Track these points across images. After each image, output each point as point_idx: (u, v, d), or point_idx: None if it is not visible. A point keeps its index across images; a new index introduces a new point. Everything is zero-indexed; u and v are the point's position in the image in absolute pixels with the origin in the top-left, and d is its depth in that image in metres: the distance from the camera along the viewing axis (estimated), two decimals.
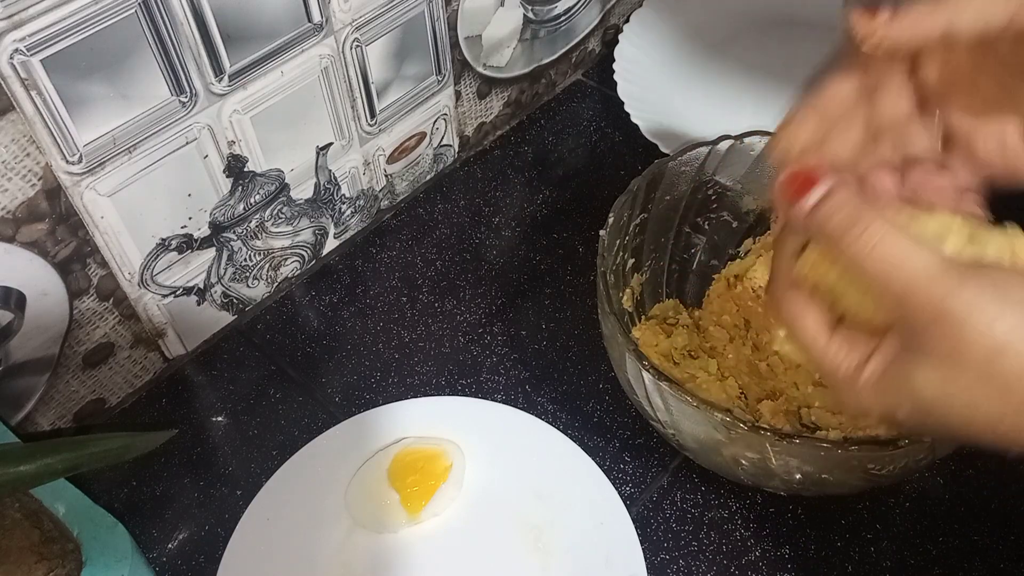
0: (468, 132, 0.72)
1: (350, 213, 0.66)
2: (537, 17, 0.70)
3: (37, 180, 0.46)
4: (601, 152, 0.73)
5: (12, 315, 0.49)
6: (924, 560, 0.50)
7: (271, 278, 0.64)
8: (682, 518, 0.52)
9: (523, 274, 0.65)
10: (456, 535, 0.51)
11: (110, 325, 0.55)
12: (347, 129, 0.61)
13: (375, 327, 0.62)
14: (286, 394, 0.59)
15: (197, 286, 0.59)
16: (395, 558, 0.51)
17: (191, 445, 0.57)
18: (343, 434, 0.55)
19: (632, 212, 0.53)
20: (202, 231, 0.56)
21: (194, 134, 0.52)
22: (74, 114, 0.46)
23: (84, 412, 0.57)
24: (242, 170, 0.56)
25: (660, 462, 0.54)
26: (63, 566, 0.42)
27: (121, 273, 0.53)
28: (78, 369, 0.55)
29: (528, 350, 0.60)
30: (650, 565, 0.49)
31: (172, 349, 0.60)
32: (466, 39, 0.66)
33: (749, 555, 0.50)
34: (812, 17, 0.78)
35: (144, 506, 0.54)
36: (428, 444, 0.54)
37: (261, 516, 0.52)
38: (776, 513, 0.52)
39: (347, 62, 0.58)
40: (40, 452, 0.36)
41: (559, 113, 0.76)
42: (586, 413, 0.56)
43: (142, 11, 0.45)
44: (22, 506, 0.43)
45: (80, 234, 0.50)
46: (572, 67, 0.78)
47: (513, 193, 0.71)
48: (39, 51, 0.43)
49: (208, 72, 0.50)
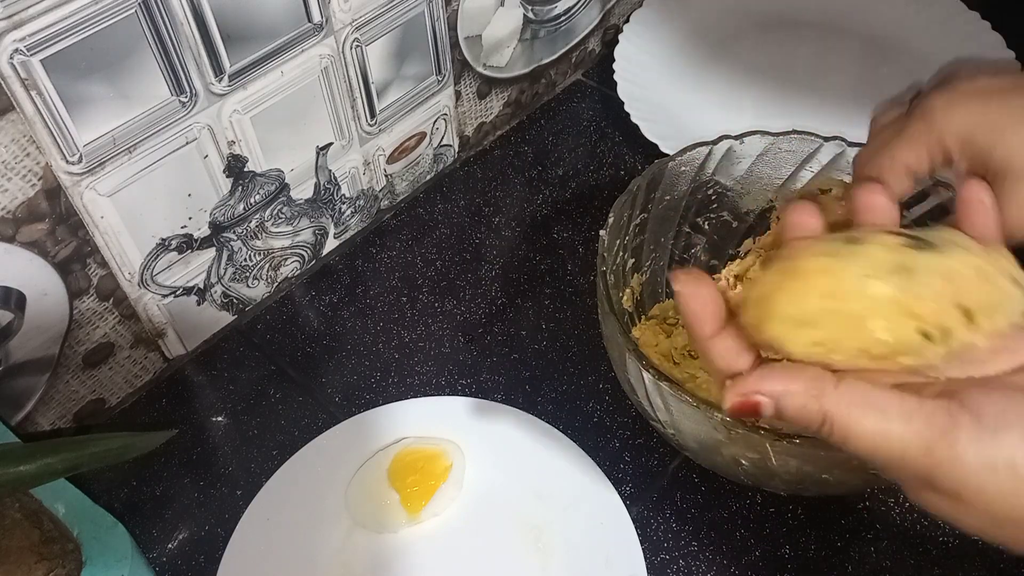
0: (468, 132, 0.72)
1: (350, 213, 0.66)
2: (537, 17, 0.70)
3: (37, 180, 0.46)
4: (601, 152, 0.73)
5: (12, 315, 0.49)
6: (924, 560, 0.50)
7: (271, 278, 0.64)
8: (682, 518, 0.52)
9: (523, 274, 0.65)
10: (456, 535, 0.51)
11: (110, 325, 0.55)
12: (347, 129, 0.61)
13: (375, 327, 0.62)
14: (286, 394, 0.59)
15: (197, 286, 0.59)
16: (395, 558, 0.51)
17: (191, 445, 0.57)
18: (343, 434, 0.55)
19: (632, 212, 0.53)
20: (202, 231, 0.56)
21: (194, 134, 0.52)
22: (74, 114, 0.46)
23: (84, 412, 0.57)
24: (242, 170, 0.56)
25: (660, 462, 0.54)
26: (63, 566, 0.42)
27: (121, 273, 0.53)
28: (78, 369, 0.55)
29: (528, 350, 0.60)
30: (650, 565, 0.49)
31: (172, 349, 0.60)
32: (466, 39, 0.66)
33: (749, 555, 0.50)
34: (812, 17, 0.78)
35: (144, 506, 0.54)
36: (428, 444, 0.54)
37: (261, 516, 0.52)
38: (776, 513, 0.52)
39: (347, 62, 0.58)
40: (40, 452, 0.36)
41: (559, 113, 0.76)
42: (586, 413, 0.56)
43: (142, 11, 0.45)
44: (22, 506, 0.43)
45: (80, 234, 0.50)
46: (572, 67, 0.78)
47: (513, 193, 0.71)
48: (39, 51, 0.43)
49: (208, 72, 0.50)
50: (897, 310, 0.30)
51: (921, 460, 0.28)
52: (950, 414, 0.28)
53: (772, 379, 0.31)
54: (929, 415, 0.28)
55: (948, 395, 0.29)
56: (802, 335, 0.31)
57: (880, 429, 0.29)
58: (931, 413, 0.28)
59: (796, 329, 0.31)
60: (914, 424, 0.28)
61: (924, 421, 0.28)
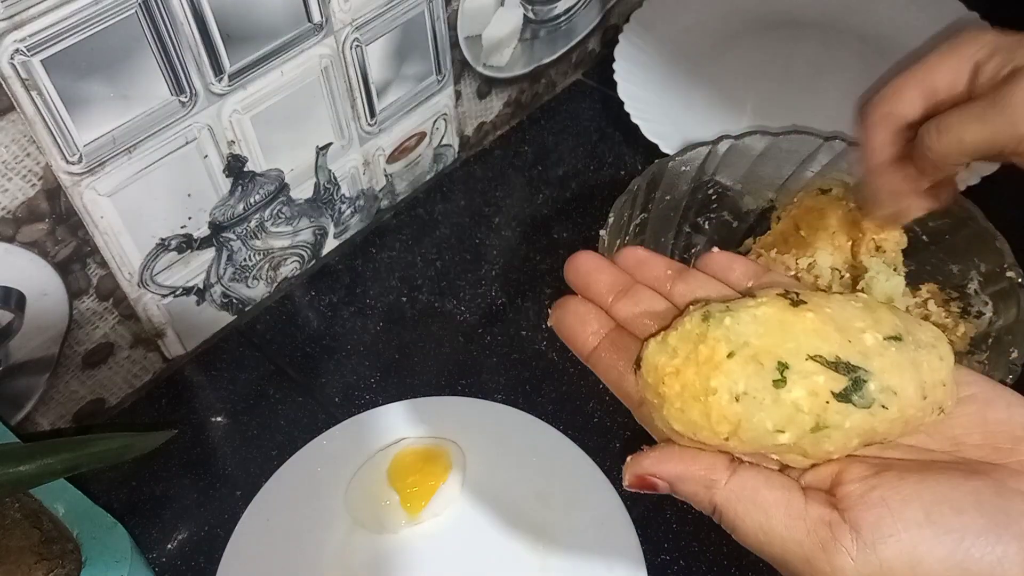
0: (468, 132, 0.72)
1: (350, 213, 0.66)
2: (537, 17, 0.70)
3: (37, 180, 0.46)
4: (601, 152, 0.73)
5: (12, 315, 0.49)
6: None
7: (271, 278, 0.64)
8: (682, 518, 0.52)
9: (523, 274, 0.65)
10: (456, 535, 0.51)
11: (110, 325, 0.55)
12: (347, 129, 0.61)
13: (375, 327, 0.62)
14: (286, 394, 0.59)
15: (197, 286, 0.59)
16: (395, 558, 0.51)
17: (191, 445, 0.57)
18: (343, 434, 0.55)
19: (632, 212, 0.53)
20: (202, 231, 0.56)
21: (194, 134, 0.52)
22: (74, 114, 0.46)
23: (84, 412, 0.57)
24: (242, 170, 0.56)
25: None
26: (63, 566, 0.42)
27: (121, 273, 0.53)
28: (78, 369, 0.55)
29: (528, 350, 0.60)
30: (650, 565, 0.49)
31: (172, 349, 0.60)
32: (466, 39, 0.66)
33: (749, 555, 0.50)
34: (812, 17, 0.78)
35: (144, 506, 0.54)
36: (428, 444, 0.54)
37: (261, 516, 0.52)
38: None
39: (347, 62, 0.58)
40: (40, 452, 0.36)
41: (559, 113, 0.76)
42: (586, 413, 0.56)
43: (142, 11, 0.45)
44: (22, 506, 0.43)
45: (80, 234, 0.50)
46: (572, 67, 0.78)
47: (513, 193, 0.71)
48: (39, 51, 0.43)
49: (208, 72, 0.50)
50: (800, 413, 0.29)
51: (801, 567, 0.29)
52: (831, 528, 0.28)
53: (668, 464, 0.31)
54: (811, 527, 0.28)
55: (829, 495, 0.29)
56: (703, 429, 0.30)
57: (763, 530, 0.29)
58: (814, 525, 0.28)
59: (699, 421, 0.30)
60: (796, 532, 0.28)
61: (805, 531, 0.28)
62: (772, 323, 0.30)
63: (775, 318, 0.30)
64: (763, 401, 0.29)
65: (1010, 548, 0.27)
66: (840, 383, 0.29)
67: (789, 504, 0.29)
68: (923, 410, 0.30)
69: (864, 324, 0.30)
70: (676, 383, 0.30)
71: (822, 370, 0.29)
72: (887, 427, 0.29)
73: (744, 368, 0.29)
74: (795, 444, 0.29)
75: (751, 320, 0.30)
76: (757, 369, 0.29)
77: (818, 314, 0.30)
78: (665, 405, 0.30)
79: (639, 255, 0.37)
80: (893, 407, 0.29)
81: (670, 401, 0.30)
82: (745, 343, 0.29)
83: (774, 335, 0.29)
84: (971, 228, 0.51)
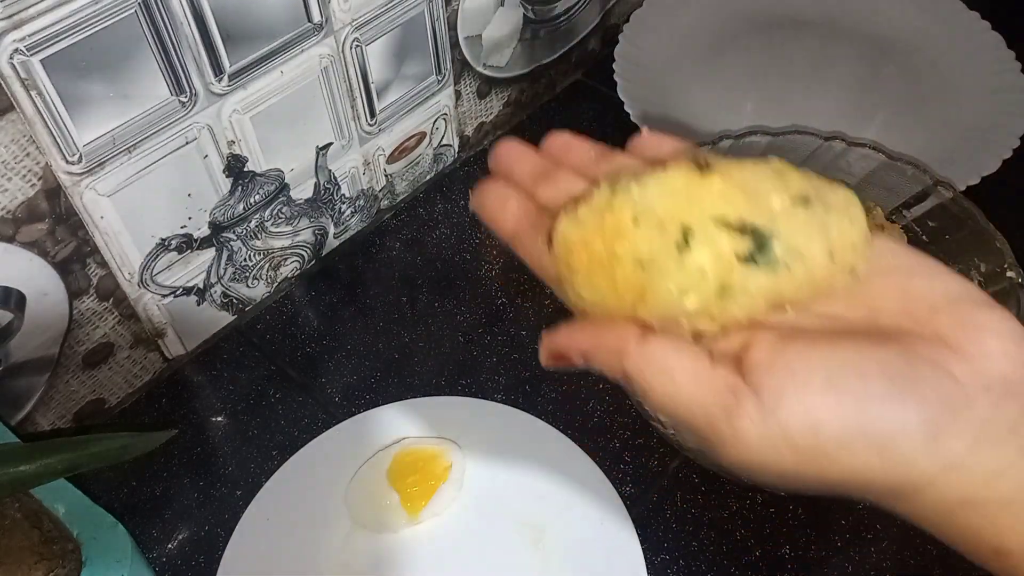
0: (468, 132, 0.72)
1: (350, 213, 0.66)
2: (537, 17, 0.70)
3: (37, 180, 0.46)
4: None
5: (12, 315, 0.49)
6: (924, 560, 0.50)
7: (271, 278, 0.64)
8: (682, 518, 0.52)
9: (523, 274, 0.65)
10: (456, 535, 0.51)
11: (110, 325, 0.55)
12: (347, 129, 0.61)
13: (375, 327, 0.62)
14: (286, 394, 0.59)
15: (197, 286, 0.59)
16: (395, 558, 0.51)
17: (191, 445, 0.57)
18: (343, 434, 0.55)
19: None
20: (202, 231, 0.56)
21: (194, 134, 0.52)
22: (74, 114, 0.46)
23: (84, 412, 0.57)
24: (242, 170, 0.56)
25: (660, 462, 0.54)
26: (63, 566, 0.42)
27: (121, 273, 0.53)
28: (78, 369, 0.55)
29: (528, 350, 0.60)
30: (650, 565, 0.49)
31: (172, 349, 0.60)
32: (466, 39, 0.66)
33: (749, 555, 0.50)
34: (812, 17, 0.78)
35: (144, 506, 0.54)
36: (428, 444, 0.54)
37: (261, 516, 0.52)
38: (776, 513, 0.52)
39: (347, 62, 0.58)
40: (40, 452, 0.36)
41: (559, 113, 0.76)
42: (586, 413, 0.56)
43: (142, 11, 0.45)
44: (22, 506, 0.43)
45: (80, 234, 0.50)
46: (572, 67, 0.78)
47: None
48: (39, 51, 0.43)
49: (208, 72, 0.50)
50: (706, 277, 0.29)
51: (705, 431, 0.28)
52: (734, 393, 0.28)
53: (580, 336, 0.32)
54: (716, 392, 0.28)
55: (737, 362, 0.29)
56: (610, 298, 0.30)
57: (670, 396, 0.29)
58: (718, 390, 0.28)
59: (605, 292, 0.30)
60: (700, 398, 0.28)
61: (710, 397, 0.28)
62: (678, 189, 0.29)
63: (681, 184, 0.29)
64: (667, 266, 0.28)
65: (911, 413, 0.27)
66: (744, 245, 0.28)
67: (696, 371, 0.29)
68: (832, 272, 0.29)
69: (772, 187, 0.30)
70: (584, 254, 0.30)
71: (726, 233, 0.28)
72: (794, 289, 0.29)
73: (648, 234, 0.29)
74: (702, 309, 0.29)
75: (656, 187, 0.29)
76: (661, 235, 0.29)
77: (725, 179, 0.29)
78: (574, 276, 0.30)
79: (565, 139, 0.37)
80: (799, 268, 0.29)
81: (579, 272, 0.30)
82: (649, 210, 0.29)
83: (679, 201, 0.29)
84: (971, 228, 0.51)
